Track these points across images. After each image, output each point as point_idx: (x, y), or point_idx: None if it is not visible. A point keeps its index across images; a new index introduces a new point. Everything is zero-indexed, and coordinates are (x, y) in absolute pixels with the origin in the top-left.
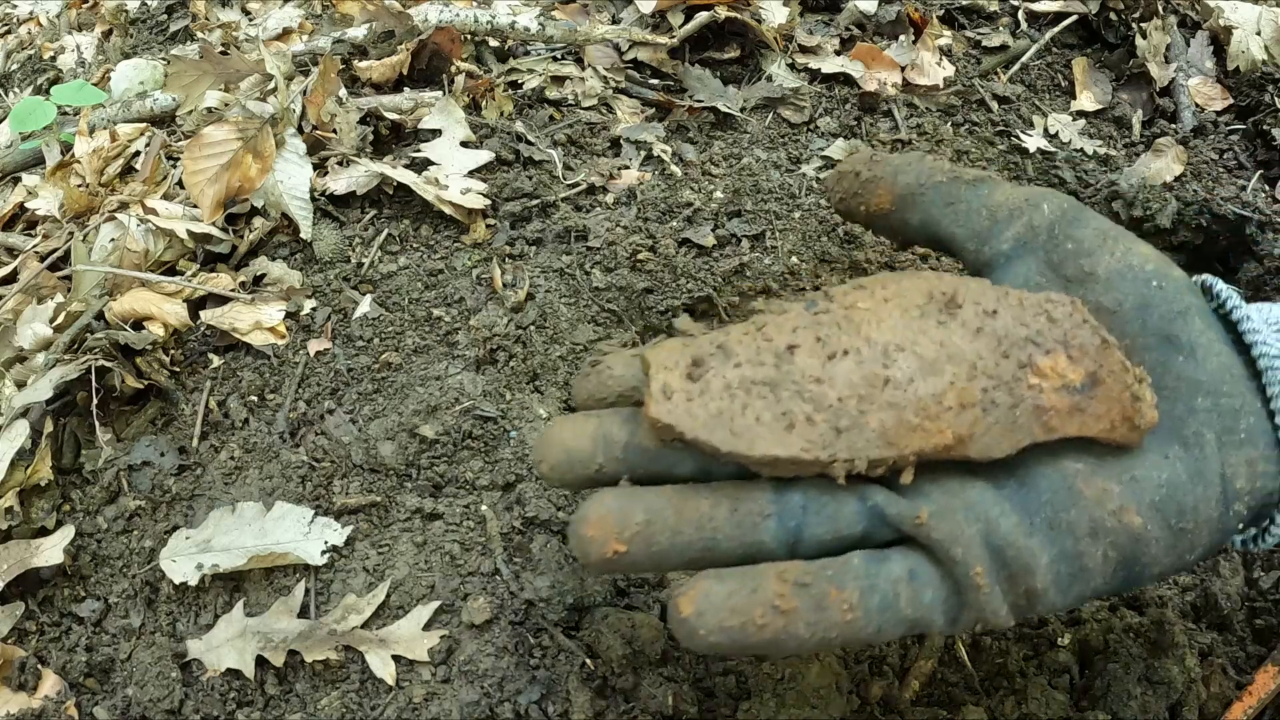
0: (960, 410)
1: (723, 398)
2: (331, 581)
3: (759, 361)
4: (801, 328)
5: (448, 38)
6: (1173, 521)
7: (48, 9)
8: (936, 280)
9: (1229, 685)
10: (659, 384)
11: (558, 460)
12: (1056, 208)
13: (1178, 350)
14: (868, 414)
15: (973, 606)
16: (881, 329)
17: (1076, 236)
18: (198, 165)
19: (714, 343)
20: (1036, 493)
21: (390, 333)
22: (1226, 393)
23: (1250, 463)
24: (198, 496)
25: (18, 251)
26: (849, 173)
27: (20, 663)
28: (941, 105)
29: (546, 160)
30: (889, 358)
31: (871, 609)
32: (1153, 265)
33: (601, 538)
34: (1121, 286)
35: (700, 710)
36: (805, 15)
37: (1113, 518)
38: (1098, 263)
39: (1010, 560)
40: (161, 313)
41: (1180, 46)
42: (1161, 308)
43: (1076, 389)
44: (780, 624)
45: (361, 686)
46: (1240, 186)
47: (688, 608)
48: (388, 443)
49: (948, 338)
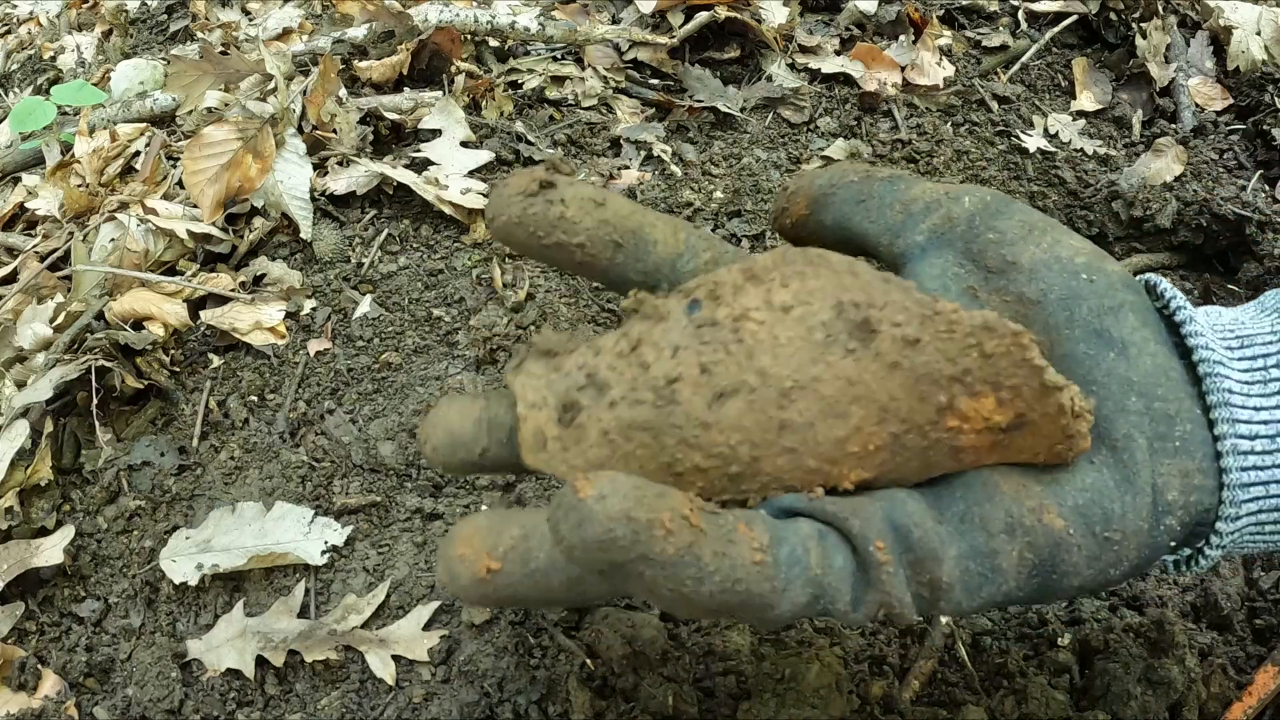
0: (866, 454)
1: (601, 446)
2: (331, 581)
3: (636, 399)
4: (683, 349)
5: (448, 38)
6: (1097, 529)
7: (48, 9)
8: (850, 280)
9: (1229, 685)
10: (530, 429)
11: (440, 442)
12: (978, 200)
13: (1108, 346)
14: (762, 460)
15: (876, 587)
16: (778, 359)
17: (999, 228)
18: (198, 165)
19: (583, 369)
20: (949, 487)
21: (390, 333)
22: (1161, 396)
23: (1185, 474)
24: (198, 496)
25: (18, 251)
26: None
27: (20, 663)
28: (941, 105)
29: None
30: (786, 398)
31: (780, 560)
32: (1084, 259)
33: (471, 556)
34: (1047, 277)
35: (700, 710)
36: (805, 15)
37: (1031, 515)
38: (1020, 253)
39: (915, 544)
40: (161, 313)
41: (1180, 46)
42: (1091, 301)
43: (1001, 430)
44: (688, 540)
45: (361, 686)
46: (1240, 186)
47: (587, 489)
48: (388, 443)
49: (857, 373)
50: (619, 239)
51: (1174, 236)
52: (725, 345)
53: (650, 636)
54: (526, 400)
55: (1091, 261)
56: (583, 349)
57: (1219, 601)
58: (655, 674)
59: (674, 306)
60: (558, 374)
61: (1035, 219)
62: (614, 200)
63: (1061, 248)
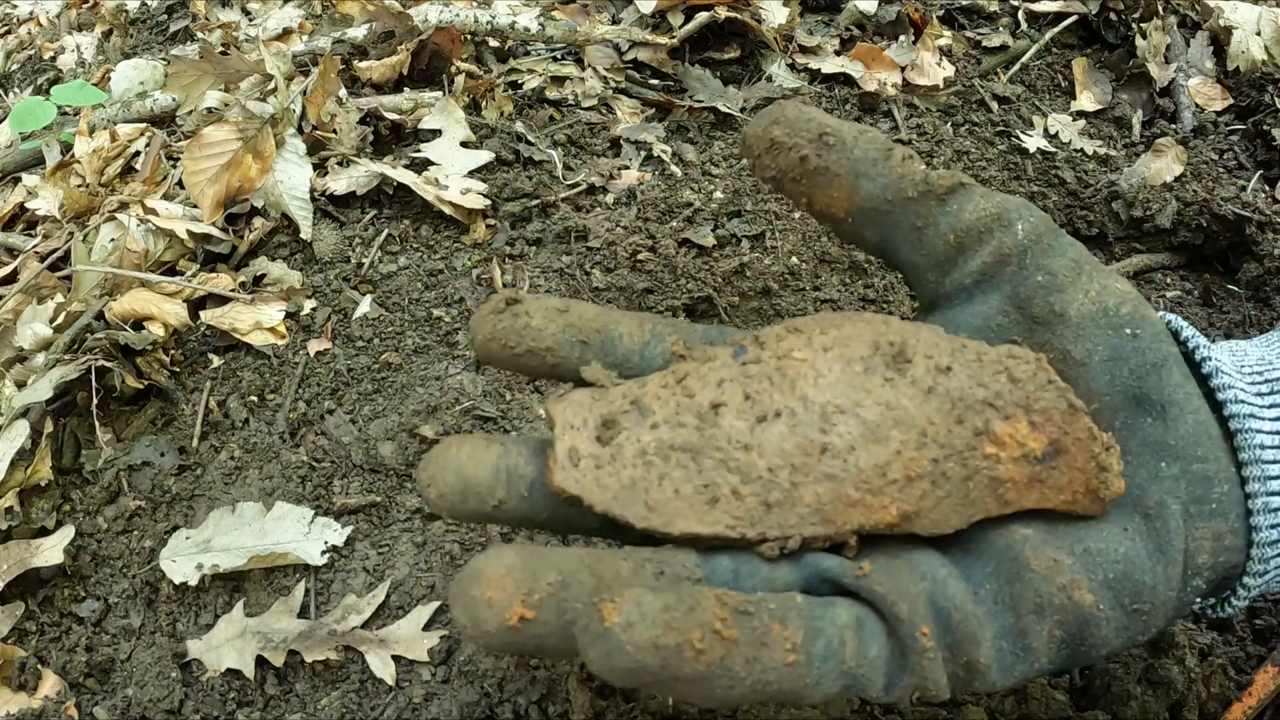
0: (907, 483)
1: (636, 466)
2: (331, 581)
3: (679, 423)
4: (728, 381)
5: (448, 38)
6: (1126, 602)
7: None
8: (884, 327)
9: (1229, 685)
10: (565, 448)
11: (450, 488)
12: (1031, 230)
13: (1146, 411)
14: (801, 487)
15: (914, 671)
16: (819, 386)
17: (1050, 268)
18: (198, 165)
19: (628, 397)
20: (980, 561)
21: (390, 333)
22: (1200, 457)
23: (1217, 536)
24: (198, 496)
25: (18, 251)
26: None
27: (20, 663)
28: (941, 105)
29: (546, 160)
30: (827, 422)
31: (814, 655)
32: (1128, 308)
33: (503, 600)
34: (1094, 335)
35: (700, 711)
36: (805, 15)
37: (1061, 594)
38: (1069, 302)
39: (956, 625)
40: (161, 313)
41: (1180, 47)
42: (1133, 360)
43: (1037, 459)
44: (719, 654)
45: (361, 687)
46: (1240, 187)
47: (614, 616)
48: (388, 443)
49: (895, 399)
50: (585, 338)
51: (1174, 237)
52: (769, 377)
53: None
54: (565, 421)
55: (1135, 311)
56: (628, 383)
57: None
58: None
59: (722, 353)
60: (600, 401)
61: (1082, 257)
62: (577, 306)
63: (1108, 295)
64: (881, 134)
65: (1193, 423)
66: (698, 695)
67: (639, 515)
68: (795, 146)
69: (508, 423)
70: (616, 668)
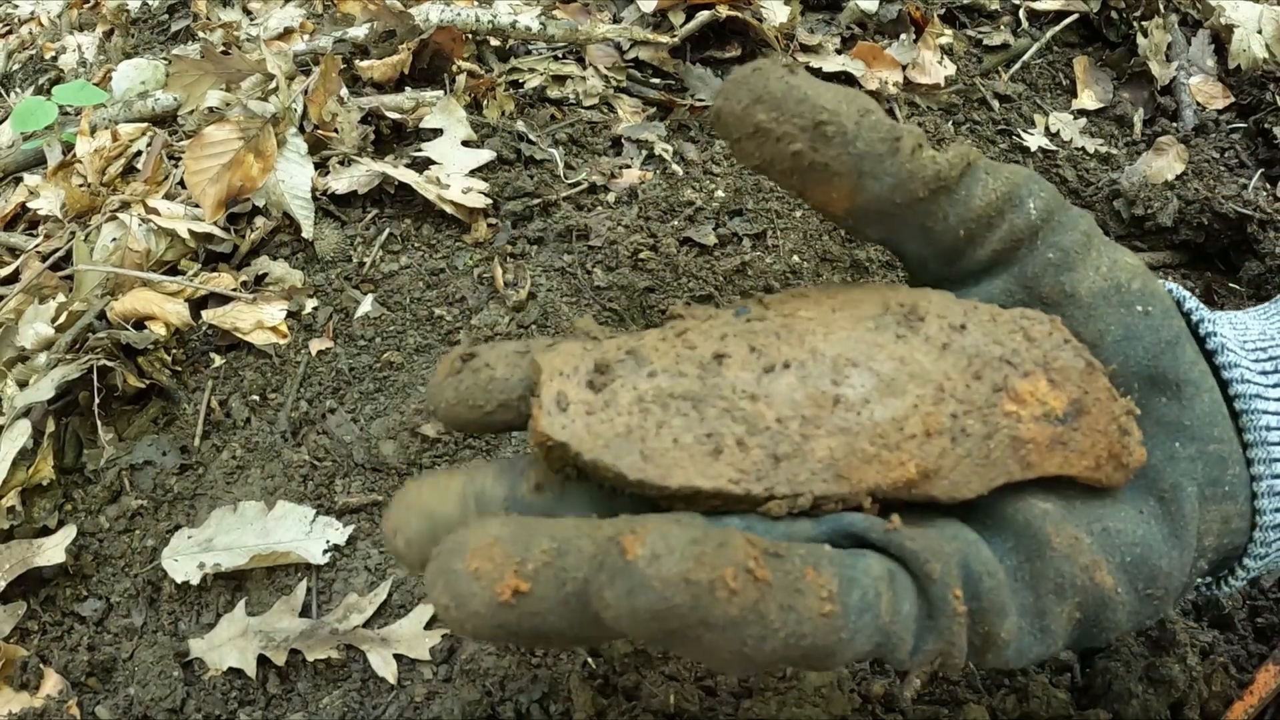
0: (925, 439)
1: (632, 413)
2: (333, 580)
3: (679, 372)
4: (731, 335)
5: (449, 37)
6: (1141, 587)
7: (49, 9)
8: (892, 292)
9: (1230, 684)
10: (552, 393)
11: (415, 533)
12: (1043, 207)
13: (1161, 390)
14: (813, 440)
15: (942, 636)
16: (830, 341)
17: (1060, 244)
18: (199, 165)
19: (623, 348)
20: (1000, 536)
21: (392, 332)
22: (1215, 438)
23: (1226, 519)
24: (199, 496)
25: (20, 251)
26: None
27: (22, 662)
28: (943, 104)
29: (548, 159)
30: (840, 373)
31: (851, 606)
32: (1139, 284)
33: (492, 571)
34: (1105, 314)
35: (702, 709)
36: (806, 14)
37: (1084, 575)
38: (1080, 281)
39: (985, 593)
40: (163, 312)
41: (1181, 45)
42: (1148, 338)
43: (1059, 419)
44: (753, 597)
45: (363, 685)
46: (1241, 185)
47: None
48: (389, 442)
49: (909, 354)
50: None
51: (1175, 235)
52: (775, 332)
53: None
54: (553, 368)
55: (1146, 286)
56: (624, 336)
57: (1220, 600)
58: (657, 672)
59: (723, 313)
60: (592, 350)
61: (1093, 230)
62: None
63: (1120, 271)
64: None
65: (1208, 402)
66: (725, 650)
67: (633, 465)
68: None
69: None
70: (640, 609)
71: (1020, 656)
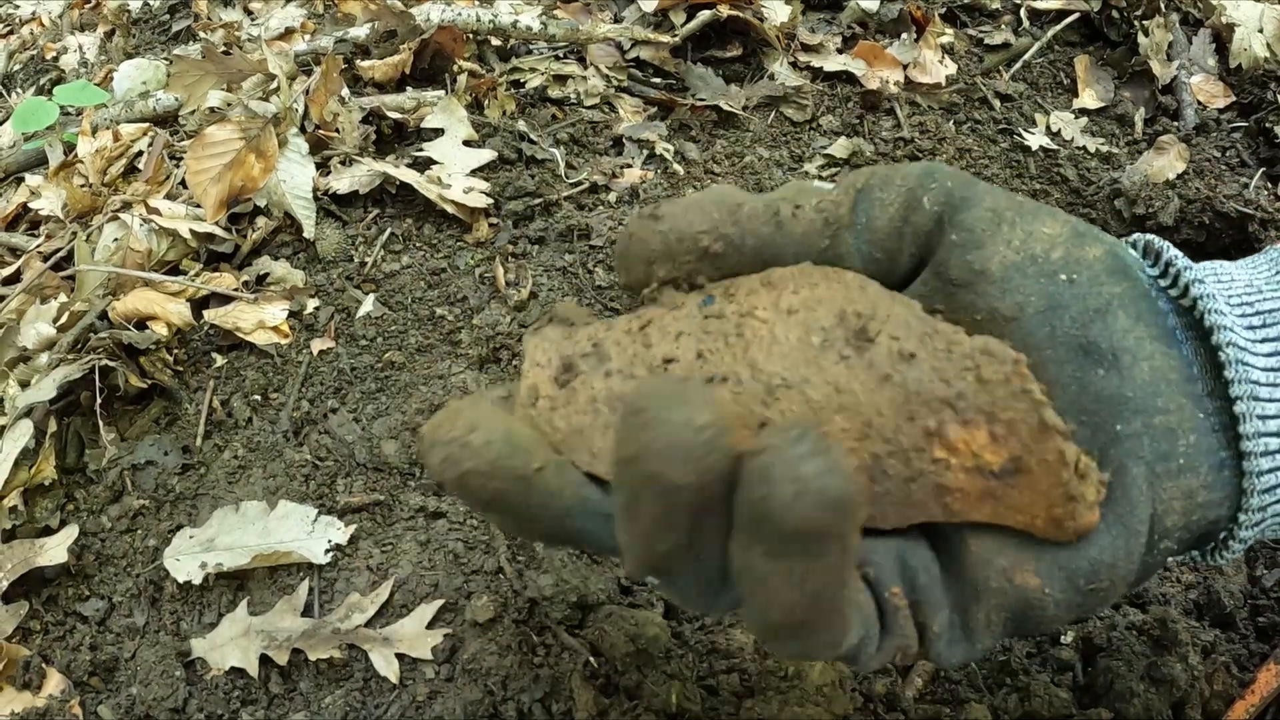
0: None
1: (585, 413)
2: (335, 580)
3: (631, 374)
4: (685, 335)
5: (450, 37)
6: (1081, 583)
7: (50, 9)
8: (859, 293)
9: (1232, 683)
10: (528, 385)
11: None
12: (938, 197)
13: (1097, 361)
14: None
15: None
16: (771, 355)
17: (965, 223)
18: (201, 165)
19: (592, 340)
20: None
21: (393, 332)
22: (1161, 408)
23: (1188, 494)
24: (201, 495)
25: (21, 251)
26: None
27: (25, 662)
28: (944, 103)
29: (549, 159)
30: (771, 395)
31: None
32: (1059, 252)
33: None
34: (1023, 286)
35: (703, 708)
36: (807, 13)
37: (1001, 578)
38: (990, 258)
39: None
40: (165, 312)
41: (1182, 44)
42: (1074, 308)
43: (993, 473)
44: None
45: (365, 685)
46: (1243, 184)
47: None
48: (391, 441)
49: (846, 381)
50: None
51: (1176, 234)
52: (725, 336)
53: (654, 634)
54: (533, 359)
55: (1070, 254)
56: (598, 323)
57: (1222, 599)
58: (659, 672)
59: (690, 299)
60: (568, 340)
61: (1003, 205)
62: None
63: (1035, 241)
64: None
65: (1148, 370)
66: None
67: (584, 460)
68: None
69: None
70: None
71: (950, 653)
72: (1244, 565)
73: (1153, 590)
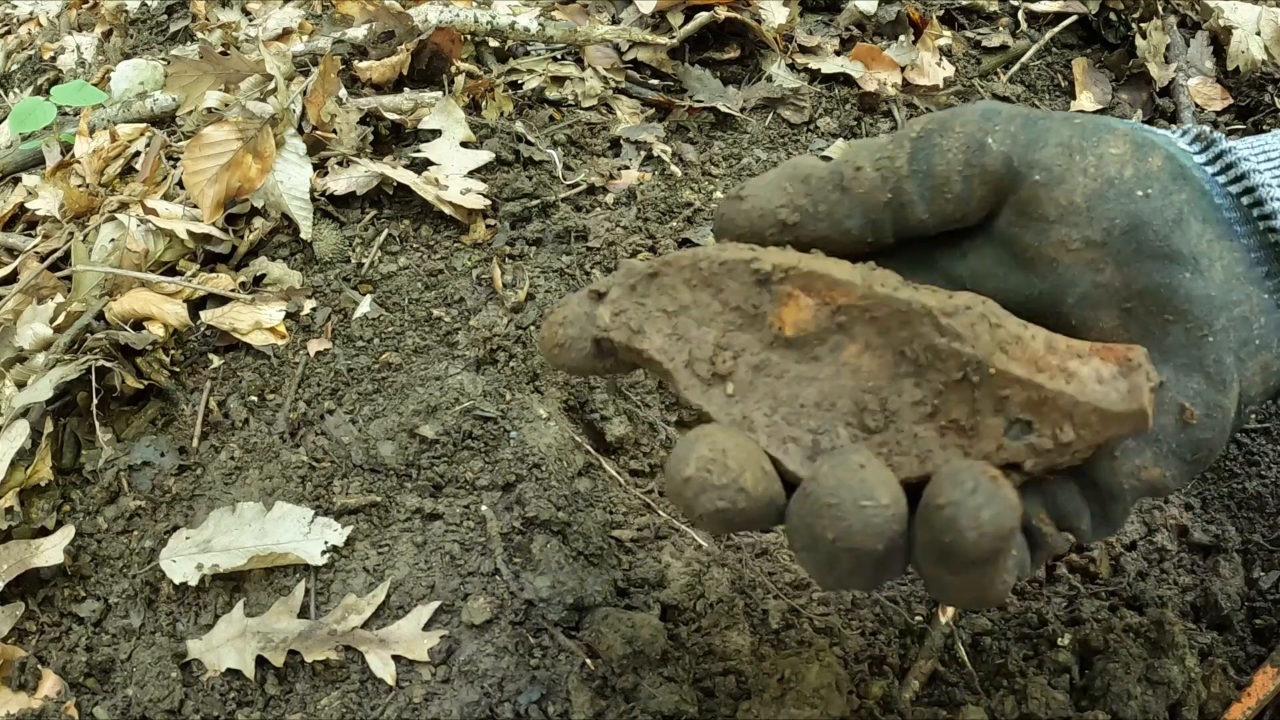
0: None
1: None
2: (331, 581)
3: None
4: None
5: (447, 38)
6: (1189, 458)
7: (48, 9)
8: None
9: (1229, 685)
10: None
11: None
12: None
13: (1182, 265)
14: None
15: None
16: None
17: (1042, 162)
18: (198, 165)
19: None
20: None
21: (390, 333)
22: (1236, 300)
23: (1265, 367)
24: (198, 496)
25: (18, 252)
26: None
27: (20, 663)
28: (941, 105)
29: (546, 160)
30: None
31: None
32: (1130, 170)
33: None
34: (1107, 210)
35: (700, 710)
36: (805, 15)
37: (1131, 479)
38: (1073, 190)
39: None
40: (162, 313)
41: (1180, 47)
42: (1155, 222)
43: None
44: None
45: (361, 686)
46: None
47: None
48: (388, 443)
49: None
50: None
51: None
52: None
53: (650, 636)
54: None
55: (1138, 169)
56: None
57: (1219, 601)
58: (655, 674)
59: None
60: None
61: (1067, 134)
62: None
63: (1108, 164)
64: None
65: (1221, 269)
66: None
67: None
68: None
69: (507, 422)
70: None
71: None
72: (1241, 568)
73: (1149, 592)
